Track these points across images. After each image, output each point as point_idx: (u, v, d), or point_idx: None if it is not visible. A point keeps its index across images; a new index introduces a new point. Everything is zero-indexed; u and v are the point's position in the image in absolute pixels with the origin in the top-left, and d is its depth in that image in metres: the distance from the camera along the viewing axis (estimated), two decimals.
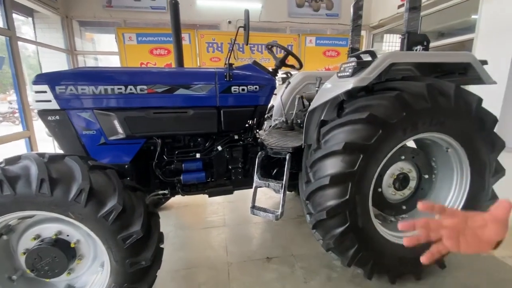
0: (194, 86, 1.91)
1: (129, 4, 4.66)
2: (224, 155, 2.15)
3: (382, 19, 5.28)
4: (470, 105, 1.69)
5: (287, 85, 2.97)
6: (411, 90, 1.58)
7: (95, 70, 1.90)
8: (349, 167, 1.54)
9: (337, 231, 1.64)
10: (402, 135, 1.61)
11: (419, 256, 1.96)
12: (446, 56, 1.86)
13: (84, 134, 1.83)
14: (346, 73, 1.69)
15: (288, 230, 2.66)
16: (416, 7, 1.91)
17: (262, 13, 5.21)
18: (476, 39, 3.32)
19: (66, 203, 1.23)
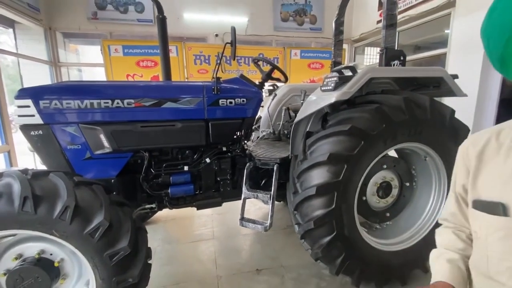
0: (182, 99, 1.93)
1: (115, 17, 4.67)
2: (213, 167, 2.16)
3: (363, 33, 5.55)
4: (444, 116, 1.81)
5: (274, 97, 3.05)
6: (389, 103, 1.68)
7: (80, 84, 1.89)
8: (334, 177, 1.60)
9: (325, 240, 1.67)
10: (383, 146, 1.70)
11: (404, 262, 2.03)
12: (421, 71, 1.99)
13: (69, 149, 1.79)
14: (329, 87, 1.77)
15: (277, 240, 2.67)
16: (393, 24, 2.04)
17: (248, 27, 5.35)
18: (448, 53, 3.56)
19: (51, 221, 1.20)
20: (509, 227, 0.53)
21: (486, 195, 0.59)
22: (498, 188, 0.56)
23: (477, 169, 0.62)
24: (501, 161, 0.57)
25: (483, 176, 0.61)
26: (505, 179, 0.55)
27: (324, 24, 5.76)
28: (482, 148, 0.61)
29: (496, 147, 0.59)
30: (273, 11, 5.45)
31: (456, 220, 0.74)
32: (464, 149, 0.67)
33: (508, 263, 0.54)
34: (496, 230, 0.55)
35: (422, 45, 4.94)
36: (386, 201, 2.01)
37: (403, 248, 1.92)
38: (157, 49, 4.20)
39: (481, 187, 0.61)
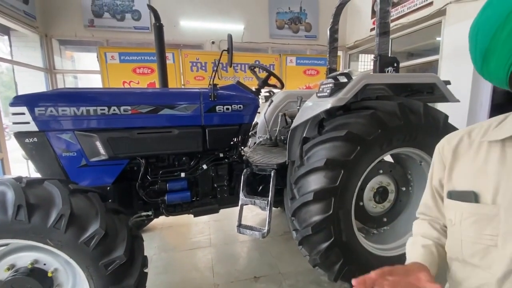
0: (179, 106, 1.94)
1: (112, 24, 4.70)
2: (210, 174, 2.15)
3: (357, 40, 5.66)
4: (438, 121, 1.84)
5: (270, 103, 3.07)
6: (384, 108, 1.70)
7: (76, 91, 1.88)
8: (332, 183, 1.61)
9: (323, 246, 1.67)
10: (379, 151, 1.71)
11: None
12: (414, 77, 2.03)
13: (64, 156, 1.77)
14: (325, 93, 1.80)
15: (275, 247, 2.65)
16: (386, 32, 2.08)
17: (244, 34, 5.42)
18: (440, 60, 3.64)
19: (45, 229, 1.18)
20: (480, 212, 0.59)
21: (460, 186, 0.65)
22: (470, 179, 0.63)
23: (452, 163, 0.68)
24: (472, 156, 0.64)
25: (457, 169, 0.67)
26: (476, 171, 0.62)
27: (319, 32, 5.86)
28: (456, 145, 0.68)
29: (468, 144, 0.66)
30: (269, 19, 5.54)
31: (431, 213, 0.79)
32: (440, 146, 0.73)
33: (479, 246, 0.59)
34: (469, 216, 0.61)
35: (414, 52, 5.05)
36: (383, 206, 2.02)
37: (401, 253, 1.92)
38: (154, 56, 4.22)
39: (456, 179, 0.67)
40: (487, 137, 0.62)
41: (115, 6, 4.58)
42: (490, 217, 0.57)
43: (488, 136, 0.62)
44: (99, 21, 4.63)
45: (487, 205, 0.58)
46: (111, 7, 4.56)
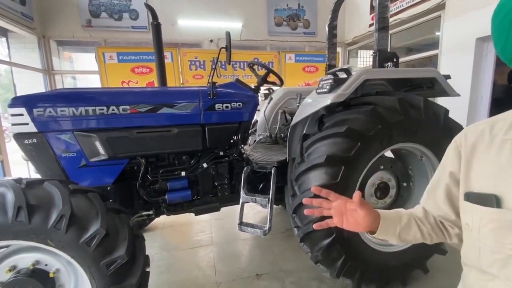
0: (178, 104, 1.93)
1: (110, 24, 4.68)
2: (210, 172, 2.15)
3: (355, 36, 5.64)
4: (439, 116, 1.83)
5: (270, 101, 3.06)
6: (384, 104, 1.69)
7: (74, 91, 1.87)
8: (332, 179, 1.60)
9: (324, 243, 1.67)
10: (379, 146, 1.71)
11: (404, 263, 2.03)
12: (414, 72, 2.02)
13: (64, 157, 1.77)
14: (324, 89, 1.79)
15: (276, 244, 2.65)
16: (385, 27, 2.06)
17: (242, 32, 5.40)
18: (440, 54, 3.62)
19: (46, 230, 1.17)
20: (501, 219, 0.53)
21: (478, 187, 0.59)
22: (491, 180, 0.57)
23: (470, 160, 0.61)
24: (494, 154, 0.57)
25: (476, 168, 0.61)
26: (498, 171, 0.56)
27: (317, 28, 5.84)
28: (475, 140, 0.61)
29: (489, 140, 0.59)
30: (267, 16, 5.52)
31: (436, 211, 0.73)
32: (458, 139, 0.67)
33: (499, 255, 0.54)
34: (489, 221, 0.55)
35: (413, 47, 5.03)
36: (384, 201, 2.01)
37: (403, 249, 1.92)
38: (152, 56, 4.20)
39: (474, 179, 0.60)
40: (508, 135, 0.56)
41: (112, 5, 4.56)
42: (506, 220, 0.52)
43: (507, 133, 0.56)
44: (97, 21, 4.61)
45: (511, 210, 0.52)
46: (109, 7, 4.54)
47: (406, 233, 0.73)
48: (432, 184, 0.76)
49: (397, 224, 0.73)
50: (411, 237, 0.74)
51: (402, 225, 0.73)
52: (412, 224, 0.73)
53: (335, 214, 0.75)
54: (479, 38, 3.05)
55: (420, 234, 0.73)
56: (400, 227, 0.73)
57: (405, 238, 0.74)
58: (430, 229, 0.72)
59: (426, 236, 0.73)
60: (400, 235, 0.73)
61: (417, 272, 2.01)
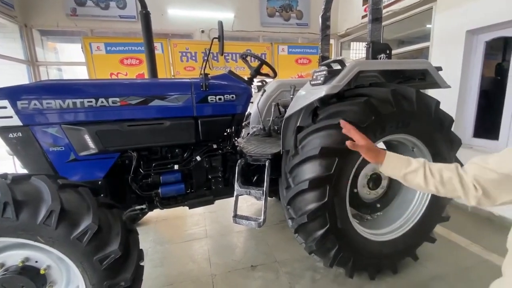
0: (169, 96, 1.88)
1: (96, 13, 4.48)
2: (204, 165, 2.13)
3: (348, 28, 5.61)
4: (430, 107, 1.85)
5: (263, 93, 3.03)
6: (378, 96, 1.70)
7: (61, 83, 1.80)
8: (326, 171, 1.61)
9: (318, 234, 1.69)
10: (373, 138, 1.72)
11: (395, 252, 2.07)
12: (406, 63, 2.03)
13: (51, 151, 1.71)
14: (318, 81, 1.77)
15: (271, 236, 2.68)
16: (378, 18, 2.06)
17: (235, 23, 5.29)
18: (431, 46, 3.65)
19: (35, 226, 1.14)
20: None
21: None
22: None
23: None
24: None
25: None
26: None
27: (310, 20, 5.77)
28: None
29: None
30: (259, 7, 5.41)
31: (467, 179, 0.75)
32: None
33: None
34: None
35: (405, 40, 5.04)
36: (376, 192, 2.05)
37: (394, 238, 1.97)
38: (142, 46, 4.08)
39: None
40: None
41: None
42: None
43: None
44: (82, 9, 4.41)
45: None
46: None
47: (412, 178, 0.84)
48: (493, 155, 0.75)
49: (404, 167, 0.86)
50: (415, 183, 0.85)
51: (408, 170, 0.84)
52: (419, 172, 0.81)
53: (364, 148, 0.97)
54: (469, 30, 3.08)
55: (424, 184, 0.81)
56: (405, 170, 0.85)
57: (411, 182, 0.86)
58: (438, 182, 0.79)
59: (432, 187, 0.81)
60: (406, 177, 0.86)
61: (407, 259, 2.07)
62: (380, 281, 1.97)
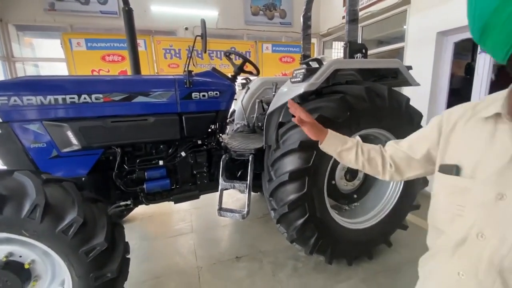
0: (153, 93, 1.91)
1: (76, 8, 4.35)
2: (188, 161, 2.17)
3: (330, 28, 5.77)
4: (401, 104, 1.99)
5: (247, 90, 3.10)
6: (353, 92, 1.81)
7: (42, 79, 1.79)
8: (305, 163, 1.71)
9: (299, 223, 1.79)
10: (348, 132, 1.83)
11: (370, 239, 2.22)
12: (379, 62, 2.16)
13: (33, 148, 1.70)
14: (298, 78, 1.87)
15: (254, 229, 2.76)
16: (355, 19, 2.18)
17: (219, 20, 5.30)
18: (406, 47, 3.85)
19: (19, 221, 1.15)
20: (455, 185, 0.62)
21: (448, 160, 0.66)
22: (459, 153, 0.64)
23: (449, 137, 0.68)
24: (467, 131, 0.64)
25: (452, 143, 0.68)
26: (466, 146, 0.63)
27: (294, 19, 5.88)
28: (457, 119, 0.67)
29: (469, 116, 0.65)
30: (243, 5, 5.45)
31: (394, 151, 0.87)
32: (441, 117, 0.73)
33: (448, 214, 0.64)
34: (446, 187, 0.65)
35: (384, 40, 5.26)
36: (353, 183, 2.18)
37: (369, 226, 2.11)
38: (124, 43, 4.02)
39: (448, 152, 0.68)
40: (482, 113, 0.62)
41: None
42: (463, 190, 0.60)
43: (484, 112, 0.62)
44: (61, 4, 4.26)
45: (465, 178, 0.60)
46: None
47: (345, 155, 0.93)
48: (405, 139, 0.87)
49: (340, 145, 0.94)
50: (347, 160, 0.94)
51: (343, 148, 0.93)
52: (352, 151, 0.91)
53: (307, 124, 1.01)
54: (440, 32, 3.29)
55: (355, 161, 0.91)
56: (341, 148, 0.93)
57: (344, 159, 0.95)
58: (365, 160, 0.89)
59: (360, 164, 0.91)
60: (340, 154, 0.95)
61: (382, 246, 2.22)
62: (357, 266, 2.11)
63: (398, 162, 0.85)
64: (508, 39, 0.48)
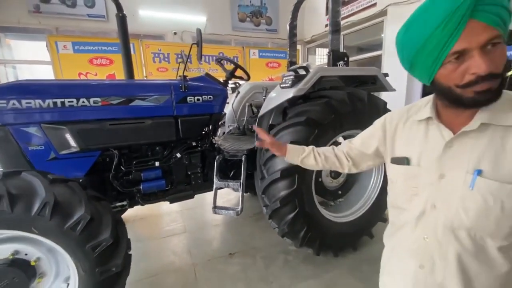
0: (150, 97, 2.00)
1: (62, 11, 4.31)
2: (183, 162, 2.26)
3: (313, 35, 6.06)
4: (379, 107, 2.20)
5: (237, 94, 3.23)
6: (336, 97, 2.00)
7: (40, 83, 1.82)
8: None
9: (289, 217, 1.93)
10: (333, 133, 2.02)
11: (354, 231, 2.42)
12: (359, 70, 2.38)
13: (30, 150, 1.74)
14: (287, 84, 2.03)
15: (247, 227, 2.88)
16: (337, 30, 2.38)
17: (207, 26, 5.42)
18: (383, 55, 4.16)
19: (29, 218, 1.21)
20: (408, 172, 0.79)
21: (399, 153, 0.83)
22: (405, 148, 0.81)
23: (394, 136, 0.85)
24: (407, 130, 0.81)
25: (398, 140, 0.84)
26: (409, 142, 0.80)
27: (279, 26, 6.12)
28: (397, 122, 0.84)
29: (405, 119, 0.83)
30: (231, 12, 5.61)
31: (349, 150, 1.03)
32: (388, 118, 0.90)
33: (407, 195, 0.79)
34: (401, 174, 0.81)
35: (364, 47, 5.60)
36: (338, 181, 2.36)
37: (353, 219, 2.29)
38: (112, 46, 4.05)
39: (397, 148, 0.84)
40: (415, 116, 0.79)
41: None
42: (415, 175, 0.75)
43: (417, 116, 0.78)
44: (46, 6, 4.21)
45: (414, 166, 0.76)
46: None
47: (306, 161, 1.10)
48: (357, 137, 1.06)
49: (300, 155, 1.10)
50: (309, 164, 1.10)
51: (303, 155, 1.09)
52: (311, 156, 1.09)
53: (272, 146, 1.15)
54: None
55: (315, 163, 1.08)
56: (301, 156, 1.10)
57: (306, 164, 1.11)
58: (323, 160, 1.07)
59: (320, 164, 1.07)
60: (302, 161, 1.10)
61: (364, 238, 2.42)
62: (342, 257, 2.28)
63: (353, 157, 1.03)
64: (428, 71, 0.65)
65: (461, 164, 0.67)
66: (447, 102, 0.68)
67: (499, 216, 0.62)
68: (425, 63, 0.64)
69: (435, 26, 0.58)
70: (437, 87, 0.66)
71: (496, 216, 0.62)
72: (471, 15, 0.55)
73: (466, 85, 0.59)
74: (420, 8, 0.64)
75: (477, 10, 0.55)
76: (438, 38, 0.59)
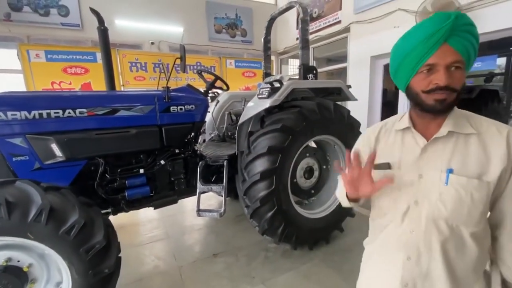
0: (135, 107, 2.11)
1: (34, 19, 4.19)
2: (167, 168, 2.37)
3: (286, 47, 6.44)
4: (344, 115, 2.51)
5: (216, 103, 3.41)
6: (307, 107, 2.27)
7: (25, 95, 1.87)
8: (273, 164, 2.08)
9: (269, 215, 2.13)
10: (305, 138, 2.27)
11: (326, 226, 2.71)
12: (326, 83, 2.69)
13: (15, 161, 1.77)
14: (264, 95, 2.26)
15: (228, 229, 3.02)
16: (306, 46, 2.67)
17: (184, 36, 5.55)
18: (348, 67, 4.60)
19: (25, 225, 1.28)
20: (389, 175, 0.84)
21: (380, 160, 0.88)
22: (386, 155, 0.88)
23: (376, 146, 0.93)
24: (386, 140, 0.91)
25: (379, 150, 0.91)
26: (389, 149, 0.89)
27: (254, 37, 6.42)
28: (377, 134, 0.94)
29: (384, 132, 0.93)
30: (207, 23, 5.80)
31: None
32: (366, 135, 0.98)
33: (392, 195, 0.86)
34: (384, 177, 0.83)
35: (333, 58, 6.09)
36: (310, 181, 2.62)
37: (325, 215, 2.55)
38: (87, 55, 4.05)
39: (378, 156, 0.88)
40: (393, 127, 0.90)
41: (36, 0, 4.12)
42: (397, 177, 0.82)
43: (394, 127, 0.90)
44: (18, 15, 4.07)
45: (395, 170, 0.85)
46: (32, 1, 4.08)
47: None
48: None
49: None
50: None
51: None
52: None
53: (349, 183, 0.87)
54: (373, 56, 4.06)
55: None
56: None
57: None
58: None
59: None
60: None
61: (336, 232, 2.68)
62: (317, 250, 2.52)
63: None
64: (406, 77, 0.79)
65: (436, 165, 0.78)
66: (418, 108, 0.80)
67: (470, 205, 0.74)
68: (406, 68, 0.77)
69: (420, 41, 0.72)
70: (409, 91, 0.80)
71: (468, 206, 0.74)
72: (447, 39, 0.70)
73: (429, 91, 0.73)
74: (415, 26, 0.77)
75: (452, 35, 0.69)
76: (419, 50, 0.73)
